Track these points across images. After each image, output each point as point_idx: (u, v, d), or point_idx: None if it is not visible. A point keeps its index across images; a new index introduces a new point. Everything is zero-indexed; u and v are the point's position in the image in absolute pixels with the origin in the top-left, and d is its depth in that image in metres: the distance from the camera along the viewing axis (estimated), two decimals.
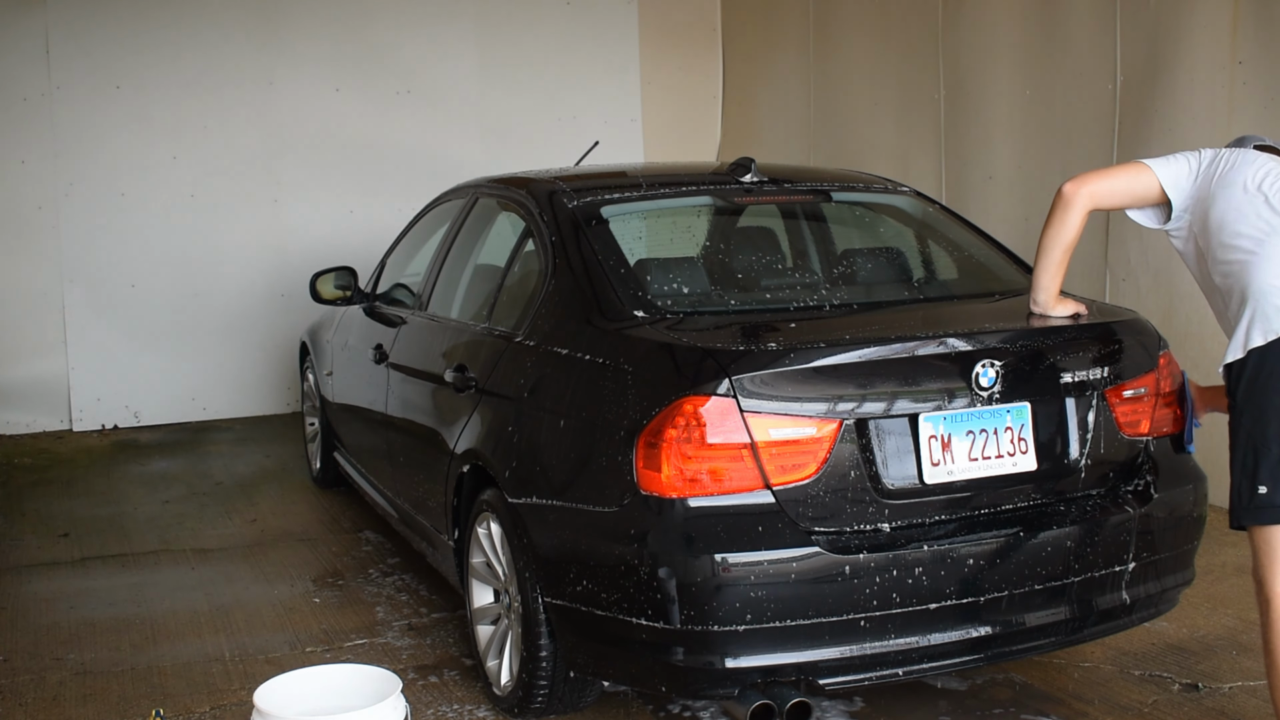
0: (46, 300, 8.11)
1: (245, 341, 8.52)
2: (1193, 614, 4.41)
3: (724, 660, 3.09)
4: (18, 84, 7.94)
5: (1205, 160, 3.33)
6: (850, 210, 4.59)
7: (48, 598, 5.00)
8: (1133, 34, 5.94)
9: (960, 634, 3.22)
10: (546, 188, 4.22)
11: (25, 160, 8.00)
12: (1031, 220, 6.56)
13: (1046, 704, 3.76)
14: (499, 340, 3.98)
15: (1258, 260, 3.13)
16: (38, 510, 6.34)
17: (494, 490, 3.74)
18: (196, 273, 8.36)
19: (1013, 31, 6.70)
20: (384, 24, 8.69)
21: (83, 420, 8.23)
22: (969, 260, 4.24)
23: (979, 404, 3.28)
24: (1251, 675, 3.92)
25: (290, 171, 8.53)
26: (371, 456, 5.28)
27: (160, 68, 8.18)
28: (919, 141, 7.45)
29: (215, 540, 5.75)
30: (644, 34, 9.38)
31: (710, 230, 4.52)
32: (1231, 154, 3.30)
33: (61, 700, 4.00)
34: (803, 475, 3.13)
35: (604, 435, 3.28)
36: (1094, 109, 6.17)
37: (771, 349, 3.20)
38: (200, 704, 3.93)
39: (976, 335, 3.34)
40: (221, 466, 7.20)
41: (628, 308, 3.57)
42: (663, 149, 9.39)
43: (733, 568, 3.05)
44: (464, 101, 8.92)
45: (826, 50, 8.33)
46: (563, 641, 3.46)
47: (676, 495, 3.10)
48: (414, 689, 3.96)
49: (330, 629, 4.57)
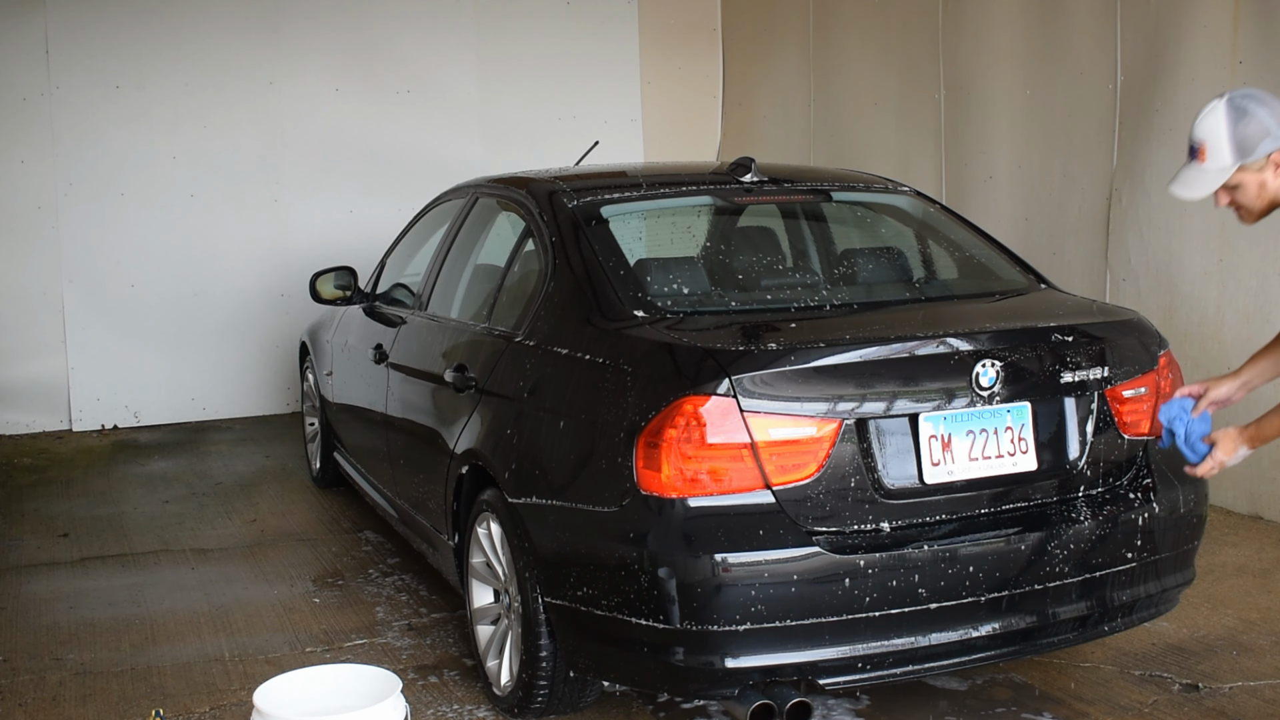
0: (46, 300, 8.11)
1: (245, 341, 8.52)
2: (1193, 614, 4.41)
3: (724, 660, 3.09)
4: (17, 84, 7.94)
5: None
6: (850, 210, 4.59)
7: (47, 598, 5.00)
8: (1133, 34, 5.94)
9: (960, 634, 3.22)
10: (546, 188, 4.22)
11: (25, 160, 7.99)
12: (1032, 220, 6.56)
13: (1046, 704, 3.76)
14: (499, 340, 3.98)
15: None
16: (37, 510, 6.33)
17: (494, 490, 3.74)
18: (196, 273, 8.36)
19: (1013, 31, 6.70)
20: (384, 24, 8.69)
21: (82, 420, 8.23)
22: (969, 260, 4.24)
23: (979, 404, 3.28)
24: (1252, 675, 3.92)
25: (290, 171, 8.53)
26: (371, 456, 5.28)
27: (160, 67, 8.18)
28: (919, 141, 7.45)
29: (215, 540, 5.75)
30: (644, 34, 9.38)
31: (710, 230, 4.52)
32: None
33: (61, 700, 4.00)
34: (803, 475, 3.13)
35: (604, 435, 3.28)
36: (1094, 109, 6.17)
37: (772, 349, 3.20)
38: (200, 704, 3.93)
39: (976, 335, 3.34)
40: (221, 466, 7.20)
41: (628, 308, 3.56)
42: (663, 149, 9.39)
43: (733, 568, 3.05)
44: (464, 101, 8.92)
45: (826, 50, 8.33)
46: (563, 642, 3.46)
47: (676, 495, 3.10)
48: (414, 689, 3.96)
49: (330, 629, 4.57)
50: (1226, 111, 2.93)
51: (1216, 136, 2.93)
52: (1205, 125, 2.95)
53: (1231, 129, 2.92)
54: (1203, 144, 2.96)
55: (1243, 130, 2.91)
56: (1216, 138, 2.93)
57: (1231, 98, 2.95)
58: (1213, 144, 2.94)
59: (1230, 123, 2.92)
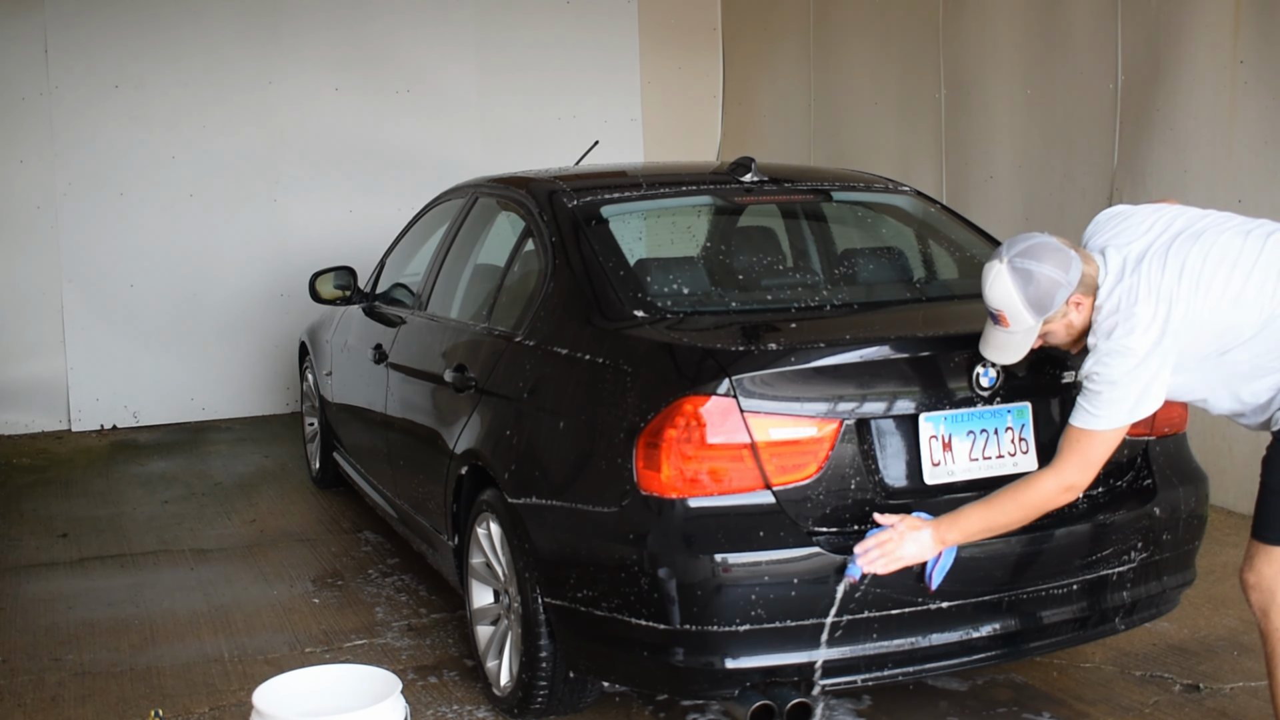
0: (45, 300, 8.10)
1: (244, 341, 8.51)
2: (1194, 614, 4.41)
3: (724, 661, 3.08)
4: (16, 83, 7.94)
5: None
6: (851, 210, 4.59)
7: (46, 598, 4.99)
8: (1133, 33, 5.94)
9: (961, 634, 3.21)
10: (546, 187, 4.22)
11: (24, 160, 7.99)
12: (1032, 220, 6.55)
13: (1047, 704, 3.75)
14: (499, 340, 3.98)
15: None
16: (36, 511, 6.33)
17: (494, 490, 3.73)
18: (195, 273, 8.36)
19: (1013, 31, 6.69)
20: (384, 24, 8.68)
21: (81, 420, 8.22)
22: (969, 260, 4.23)
23: (980, 404, 3.27)
24: (1253, 676, 3.92)
25: (290, 171, 8.53)
26: (371, 457, 5.28)
27: (159, 67, 8.17)
28: (919, 141, 7.44)
29: (214, 541, 5.74)
30: (644, 34, 9.37)
31: (710, 230, 4.52)
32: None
33: (60, 701, 3.99)
34: (803, 475, 3.12)
35: (604, 435, 3.27)
36: (1095, 109, 6.16)
37: (772, 349, 3.19)
38: (199, 704, 3.92)
39: (977, 335, 3.33)
40: (220, 467, 7.19)
41: (628, 308, 3.56)
42: (663, 149, 9.38)
43: (733, 568, 3.04)
44: (464, 101, 8.92)
45: (826, 50, 8.32)
46: (562, 642, 3.45)
47: (676, 495, 3.09)
48: (414, 689, 3.96)
49: (330, 629, 4.56)
50: (1011, 278, 2.98)
51: (1012, 303, 2.99)
52: (996, 293, 3.01)
53: (1023, 294, 2.98)
54: (1000, 312, 3.02)
55: (1034, 292, 2.97)
56: (1012, 304, 2.99)
57: (1011, 261, 2.99)
58: (1011, 311, 3.00)
59: (1020, 288, 2.97)
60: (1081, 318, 3.03)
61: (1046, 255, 2.97)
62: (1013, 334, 3.04)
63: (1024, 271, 2.96)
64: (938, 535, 3.07)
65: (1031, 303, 2.97)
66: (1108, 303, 2.99)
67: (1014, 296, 2.98)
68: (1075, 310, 3.02)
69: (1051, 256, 2.97)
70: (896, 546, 3.04)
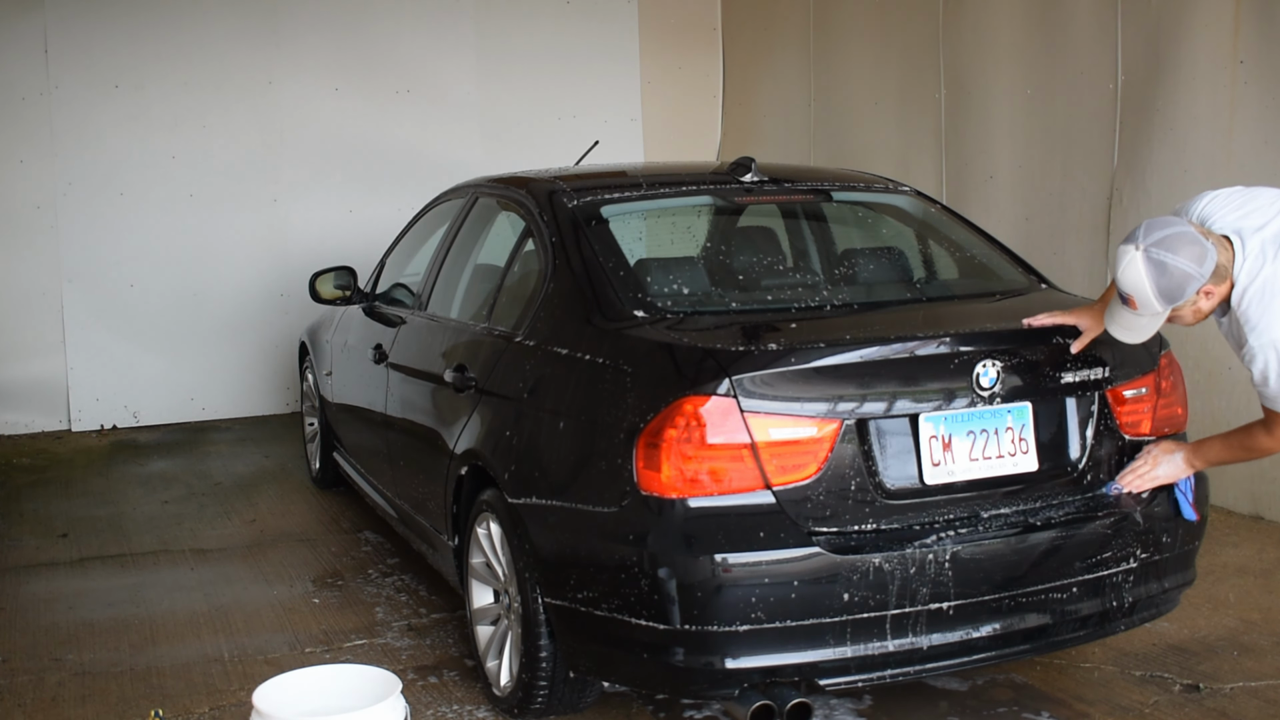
0: (45, 300, 8.10)
1: (244, 341, 8.51)
2: (1194, 615, 4.40)
3: (724, 661, 3.08)
4: (16, 83, 7.93)
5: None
6: (851, 210, 4.59)
7: (46, 598, 4.99)
8: (1134, 33, 5.94)
9: (961, 635, 3.21)
10: (546, 187, 4.21)
11: (24, 160, 7.99)
12: (1032, 220, 6.55)
13: (1047, 704, 3.75)
14: (499, 340, 3.97)
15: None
16: (36, 511, 6.33)
17: (494, 491, 3.73)
18: (195, 272, 8.35)
19: (1013, 31, 6.69)
20: (384, 24, 8.68)
21: (81, 420, 8.22)
22: (970, 260, 4.23)
23: (980, 404, 3.27)
24: (1253, 676, 3.92)
25: (290, 171, 8.52)
26: (371, 457, 5.28)
27: (159, 67, 8.17)
28: (919, 141, 7.44)
29: (214, 541, 5.74)
30: (644, 34, 9.37)
31: (710, 230, 4.51)
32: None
33: (60, 701, 3.99)
34: (803, 475, 3.12)
35: (604, 435, 3.27)
36: (1095, 108, 6.16)
37: (772, 349, 3.19)
38: (199, 704, 3.92)
39: (977, 335, 3.33)
40: (220, 467, 7.19)
41: (628, 308, 3.56)
42: (663, 149, 9.38)
43: (733, 568, 3.04)
44: (464, 101, 8.92)
45: (826, 50, 8.32)
46: (562, 642, 3.45)
47: (676, 495, 3.09)
48: (414, 689, 3.96)
49: (330, 629, 4.56)
50: (1145, 266, 3.02)
51: (1142, 290, 3.05)
52: (1128, 279, 3.05)
53: (1155, 283, 3.03)
54: (1130, 296, 3.07)
55: (1166, 283, 3.02)
56: (1142, 292, 3.05)
57: (1147, 251, 3.02)
58: (1140, 297, 3.06)
59: (1152, 278, 3.02)
60: (1210, 304, 3.13)
61: (1183, 247, 3.00)
62: (1140, 316, 3.11)
63: (1158, 262, 3.00)
64: (1188, 458, 3.30)
65: (1162, 292, 3.02)
66: (1252, 286, 3.07)
67: (1145, 285, 3.02)
68: (1205, 299, 3.11)
69: (1187, 249, 3.01)
70: (1152, 468, 3.30)
